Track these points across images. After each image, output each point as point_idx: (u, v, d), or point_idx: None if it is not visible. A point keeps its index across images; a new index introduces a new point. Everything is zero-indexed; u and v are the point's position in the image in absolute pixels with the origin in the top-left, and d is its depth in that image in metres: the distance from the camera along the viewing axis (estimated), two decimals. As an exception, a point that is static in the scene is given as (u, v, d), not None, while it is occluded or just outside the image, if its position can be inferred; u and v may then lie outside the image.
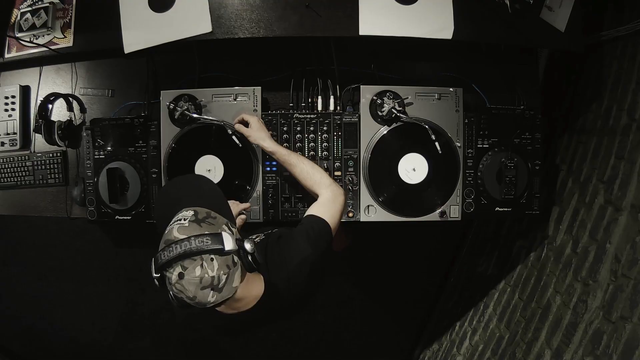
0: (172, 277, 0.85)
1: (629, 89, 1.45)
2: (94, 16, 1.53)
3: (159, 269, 0.86)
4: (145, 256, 2.61)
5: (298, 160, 1.30)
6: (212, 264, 0.85)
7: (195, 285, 0.84)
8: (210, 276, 0.85)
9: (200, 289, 0.84)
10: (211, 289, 0.86)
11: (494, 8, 1.43)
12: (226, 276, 0.87)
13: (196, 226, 0.88)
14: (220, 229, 0.91)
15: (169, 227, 0.90)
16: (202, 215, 0.91)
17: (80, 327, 2.50)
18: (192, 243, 0.84)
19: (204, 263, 0.84)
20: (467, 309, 2.19)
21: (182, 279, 0.84)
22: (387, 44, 1.46)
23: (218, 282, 0.86)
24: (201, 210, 0.92)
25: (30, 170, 1.64)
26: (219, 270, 0.86)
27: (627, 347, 1.19)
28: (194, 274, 0.83)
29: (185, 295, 0.85)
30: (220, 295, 0.88)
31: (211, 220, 0.91)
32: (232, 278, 0.89)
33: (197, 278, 0.84)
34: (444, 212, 1.53)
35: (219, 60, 1.61)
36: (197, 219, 0.90)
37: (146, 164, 1.54)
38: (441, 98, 1.50)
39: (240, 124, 1.43)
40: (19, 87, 1.65)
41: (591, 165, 1.57)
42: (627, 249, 1.29)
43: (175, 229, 0.88)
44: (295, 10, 1.42)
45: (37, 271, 2.43)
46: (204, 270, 0.84)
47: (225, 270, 0.87)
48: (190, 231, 0.87)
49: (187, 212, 0.92)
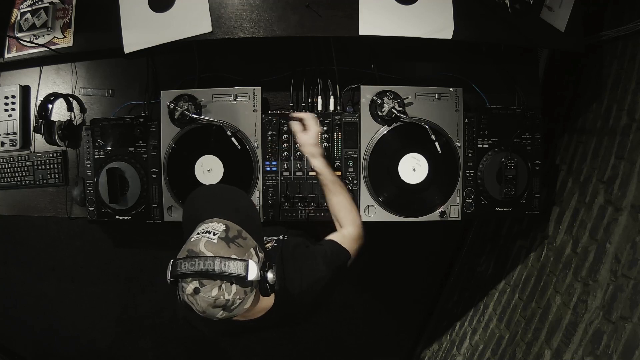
0: (186, 288, 0.84)
1: (629, 89, 1.44)
2: (94, 16, 1.53)
3: (176, 277, 0.85)
4: (145, 256, 2.62)
5: (340, 190, 1.26)
6: (230, 288, 0.84)
7: (208, 303, 0.83)
8: (225, 299, 0.84)
9: (211, 307, 0.84)
10: (222, 309, 0.85)
11: (494, 8, 1.43)
12: (240, 301, 0.86)
13: (224, 245, 0.86)
14: (248, 253, 0.89)
15: (196, 236, 0.88)
16: (232, 234, 0.89)
17: (80, 327, 2.49)
18: (216, 265, 0.83)
19: (223, 286, 0.83)
20: (467, 309, 2.19)
21: (196, 294, 0.83)
22: (387, 44, 1.46)
23: (231, 304, 0.85)
24: (233, 227, 0.91)
25: (30, 170, 1.64)
26: (235, 295, 0.85)
27: (627, 347, 1.19)
28: (210, 294, 0.82)
29: (194, 307, 0.84)
30: (229, 315, 0.87)
31: (241, 241, 0.89)
32: (246, 302, 0.88)
33: (212, 298, 0.83)
34: (444, 212, 1.53)
35: (219, 60, 1.61)
36: (227, 236, 0.88)
37: (146, 164, 1.54)
38: (441, 98, 1.50)
39: (298, 123, 1.32)
40: (19, 87, 1.65)
41: (591, 165, 1.57)
42: (627, 249, 1.29)
43: (202, 243, 0.86)
44: (295, 10, 1.42)
45: (37, 271, 2.43)
46: (221, 292, 0.83)
47: (242, 295, 0.86)
48: (218, 250, 0.85)
49: (218, 225, 0.90)
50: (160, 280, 2.61)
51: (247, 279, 0.85)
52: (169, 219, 1.53)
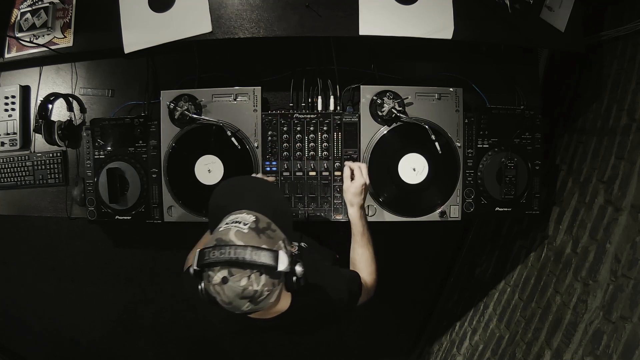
0: (214, 278, 0.82)
1: (629, 89, 1.44)
2: (94, 16, 1.53)
3: (204, 265, 0.83)
4: (145, 256, 2.62)
5: (367, 244, 1.28)
6: (259, 279, 0.83)
7: (236, 294, 0.82)
8: (254, 289, 0.82)
9: (239, 298, 0.82)
10: (249, 301, 0.83)
11: (494, 8, 1.43)
12: (268, 293, 0.85)
13: (254, 235, 0.85)
14: (277, 245, 0.88)
15: (225, 226, 0.87)
16: (262, 225, 0.88)
17: (80, 327, 2.49)
18: (247, 254, 0.81)
19: (252, 276, 0.82)
20: (467, 309, 2.19)
21: (224, 284, 0.81)
22: (387, 44, 1.46)
23: (259, 296, 0.84)
24: (263, 219, 0.90)
25: (30, 170, 1.64)
26: (264, 286, 0.83)
27: (627, 347, 1.19)
28: (238, 283, 0.81)
29: (220, 298, 0.83)
30: (255, 307, 0.85)
31: (270, 232, 0.88)
32: (272, 295, 0.87)
33: (240, 288, 0.81)
34: (444, 212, 1.53)
35: (219, 60, 1.61)
36: (257, 227, 0.87)
37: (146, 164, 1.54)
38: (441, 98, 1.50)
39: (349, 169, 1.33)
40: (19, 87, 1.65)
41: (591, 165, 1.57)
42: (627, 249, 1.29)
43: (233, 232, 0.85)
44: (295, 10, 1.42)
45: (37, 271, 2.43)
46: (250, 282, 0.82)
47: (270, 287, 0.85)
48: (248, 239, 0.84)
49: (248, 216, 0.89)
50: (161, 280, 2.61)
51: (277, 269, 0.84)
52: (169, 219, 1.53)
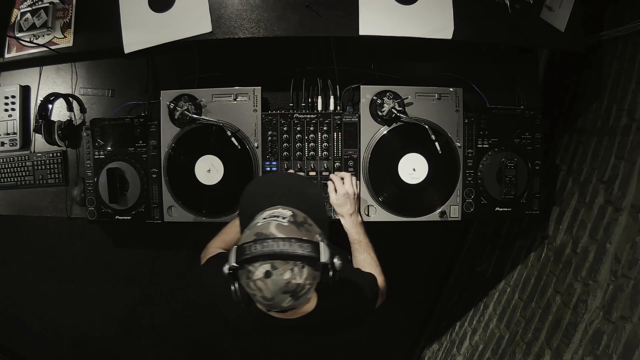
0: (255, 273, 0.80)
1: (629, 89, 1.44)
2: (94, 16, 1.53)
3: (244, 261, 0.81)
4: (145, 256, 2.62)
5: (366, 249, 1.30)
6: (301, 272, 0.81)
7: (279, 288, 0.80)
8: (296, 283, 0.81)
9: (281, 293, 0.81)
10: (290, 295, 0.82)
11: (494, 8, 1.42)
12: (309, 287, 0.84)
13: (295, 228, 0.85)
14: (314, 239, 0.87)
15: (264, 221, 0.86)
16: (299, 219, 0.88)
17: (80, 327, 2.49)
18: (292, 246, 0.80)
19: (295, 269, 0.81)
20: (467, 309, 2.19)
21: (267, 278, 0.80)
22: (387, 44, 1.46)
23: (300, 290, 0.82)
24: (299, 214, 0.89)
25: (30, 170, 1.64)
26: (306, 279, 0.82)
27: (627, 347, 1.19)
28: (282, 277, 0.80)
29: (262, 294, 0.81)
30: (294, 304, 0.84)
31: (308, 226, 0.88)
32: (311, 290, 0.86)
33: (284, 281, 0.80)
34: (444, 212, 1.53)
35: (219, 60, 1.61)
36: (295, 220, 0.87)
37: (146, 164, 1.54)
38: (441, 98, 1.50)
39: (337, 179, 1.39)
40: (19, 87, 1.65)
41: (591, 165, 1.57)
42: (627, 249, 1.29)
43: (273, 225, 0.84)
44: (295, 10, 1.42)
45: (37, 271, 2.43)
46: (293, 275, 0.80)
47: (311, 280, 0.84)
48: (289, 232, 0.83)
49: (284, 211, 0.88)
50: (161, 280, 2.62)
51: (320, 260, 0.83)
52: (169, 219, 1.53)
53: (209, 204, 1.51)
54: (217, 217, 1.52)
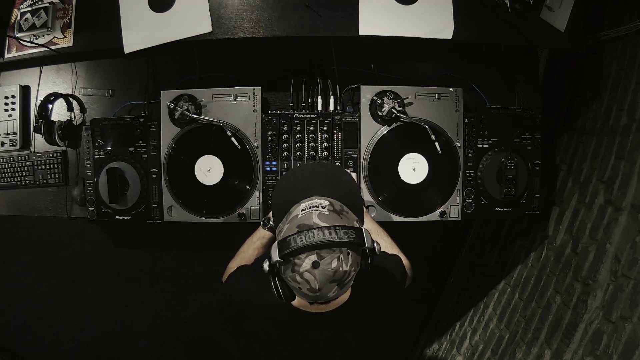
0: (302, 265, 0.79)
1: (629, 89, 1.44)
2: (94, 16, 1.53)
3: (288, 254, 0.80)
4: (145, 256, 2.62)
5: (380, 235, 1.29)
6: (347, 259, 0.80)
7: (327, 277, 0.79)
8: (343, 270, 0.80)
9: (329, 282, 0.80)
10: (337, 284, 0.81)
11: (494, 8, 1.43)
12: (354, 274, 0.83)
13: (336, 217, 0.84)
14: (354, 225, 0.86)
15: (303, 212, 0.84)
16: (338, 207, 0.87)
17: (80, 327, 2.49)
18: (338, 233, 0.79)
19: (341, 256, 0.79)
20: (467, 309, 2.19)
21: (315, 268, 0.78)
22: (387, 44, 1.46)
23: (347, 278, 0.81)
24: (336, 203, 0.88)
25: (30, 170, 1.64)
26: (351, 266, 0.81)
27: (627, 347, 1.19)
28: (330, 266, 0.79)
29: (309, 285, 0.80)
30: (340, 292, 0.83)
31: (346, 214, 0.87)
32: (354, 277, 0.85)
33: (332, 270, 0.79)
34: (444, 212, 1.53)
35: (219, 60, 1.61)
36: (334, 209, 0.85)
37: (146, 164, 1.54)
38: (441, 98, 1.50)
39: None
40: (19, 87, 1.65)
41: (591, 165, 1.57)
42: (627, 249, 1.29)
43: (315, 215, 0.83)
44: (295, 10, 1.42)
45: (37, 271, 2.43)
46: (340, 263, 0.79)
47: (356, 267, 0.83)
48: (332, 221, 0.82)
49: (321, 201, 0.87)
50: (161, 280, 2.62)
51: (365, 245, 0.82)
52: (169, 219, 1.53)
53: (209, 203, 1.51)
54: (217, 217, 1.52)
